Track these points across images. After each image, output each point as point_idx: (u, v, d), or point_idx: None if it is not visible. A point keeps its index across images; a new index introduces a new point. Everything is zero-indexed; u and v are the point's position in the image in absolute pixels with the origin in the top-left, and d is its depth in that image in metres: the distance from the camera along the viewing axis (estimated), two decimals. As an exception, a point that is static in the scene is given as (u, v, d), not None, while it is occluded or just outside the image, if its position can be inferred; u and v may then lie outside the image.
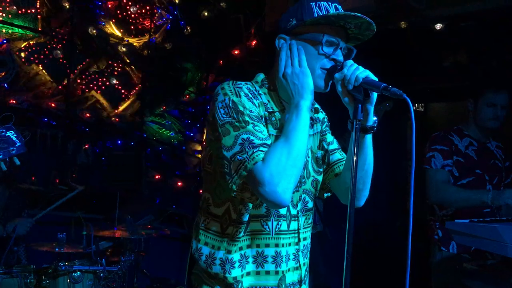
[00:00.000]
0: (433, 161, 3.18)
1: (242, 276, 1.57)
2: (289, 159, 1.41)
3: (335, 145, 1.81)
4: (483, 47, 4.44)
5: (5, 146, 1.67)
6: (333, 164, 1.77)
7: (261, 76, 1.67)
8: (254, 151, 1.41)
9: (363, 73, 1.48)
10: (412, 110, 1.38)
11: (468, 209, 3.07)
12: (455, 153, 3.20)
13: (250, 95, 1.53)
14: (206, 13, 5.58)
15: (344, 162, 1.75)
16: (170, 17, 5.57)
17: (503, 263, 2.67)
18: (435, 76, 4.90)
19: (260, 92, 1.61)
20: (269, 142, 1.46)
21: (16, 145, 1.70)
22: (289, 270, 1.63)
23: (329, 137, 1.81)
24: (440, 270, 3.23)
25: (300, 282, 1.67)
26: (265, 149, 1.43)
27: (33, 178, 4.97)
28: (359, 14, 1.49)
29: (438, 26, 4.21)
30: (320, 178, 1.74)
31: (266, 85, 1.64)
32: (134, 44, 5.42)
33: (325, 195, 1.85)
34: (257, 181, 1.39)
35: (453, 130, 3.30)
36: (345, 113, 1.58)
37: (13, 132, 1.70)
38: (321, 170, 1.75)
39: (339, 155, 1.79)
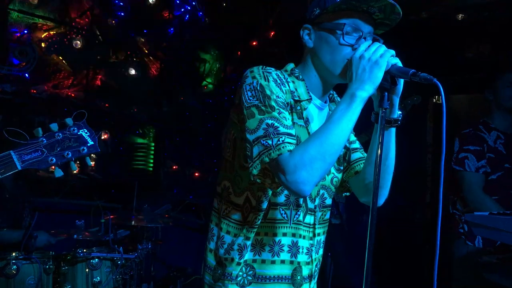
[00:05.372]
0: (467, 163, 3.09)
1: (253, 261, 1.57)
2: (319, 151, 1.36)
3: (357, 144, 1.78)
4: (506, 37, 4.35)
5: (76, 145, 1.52)
6: (353, 162, 1.74)
7: (290, 66, 1.65)
8: (280, 139, 1.39)
9: (392, 59, 1.43)
10: (443, 95, 1.34)
11: None
12: (488, 151, 3.13)
13: (278, 81, 1.51)
14: (224, 4, 5.58)
15: (364, 160, 1.71)
16: (188, 8, 5.57)
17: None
18: (457, 67, 4.81)
19: (289, 80, 1.58)
20: (293, 131, 1.44)
21: (88, 145, 1.55)
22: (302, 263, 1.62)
23: (352, 136, 1.78)
24: (460, 263, 3.18)
25: (310, 277, 1.66)
26: (291, 140, 1.40)
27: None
28: None
29: (460, 16, 4.14)
30: (339, 176, 1.71)
31: (295, 74, 1.61)
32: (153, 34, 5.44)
33: (344, 194, 1.82)
34: (280, 169, 1.37)
35: (480, 123, 3.22)
36: (368, 106, 1.51)
37: (86, 131, 1.55)
38: (341, 168, 1.72)
39: (360, 154, 1.75)
